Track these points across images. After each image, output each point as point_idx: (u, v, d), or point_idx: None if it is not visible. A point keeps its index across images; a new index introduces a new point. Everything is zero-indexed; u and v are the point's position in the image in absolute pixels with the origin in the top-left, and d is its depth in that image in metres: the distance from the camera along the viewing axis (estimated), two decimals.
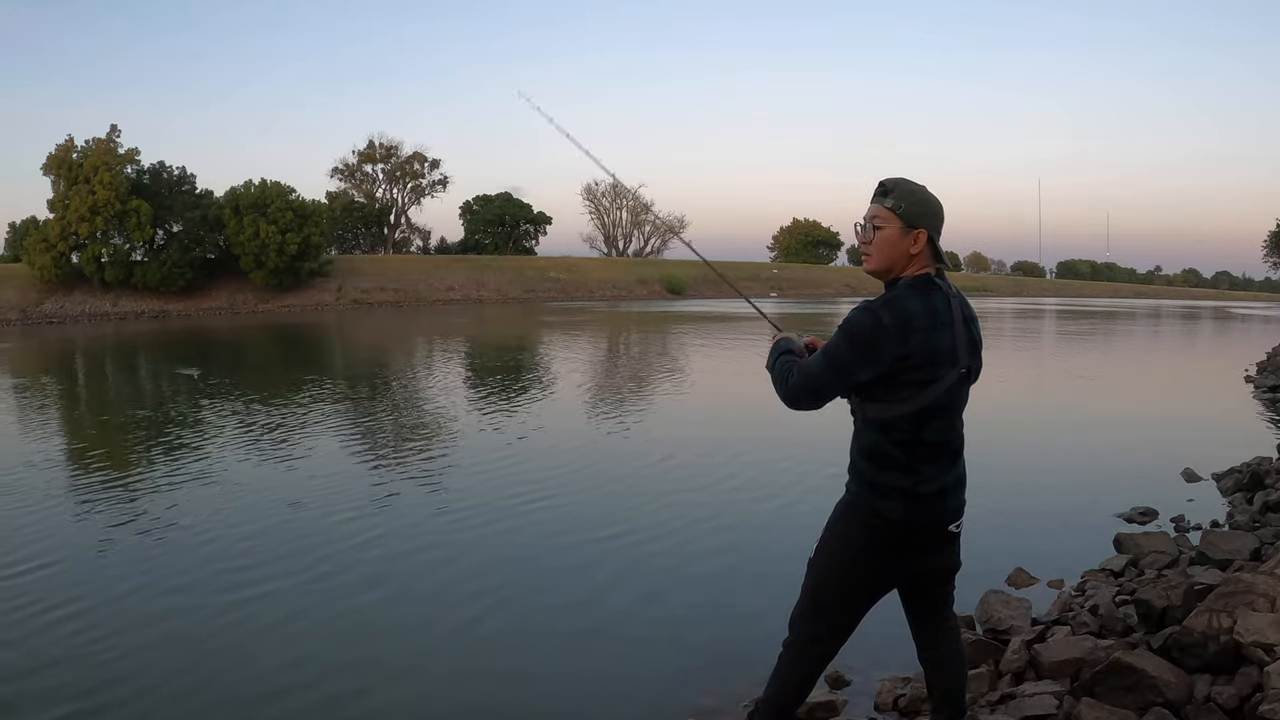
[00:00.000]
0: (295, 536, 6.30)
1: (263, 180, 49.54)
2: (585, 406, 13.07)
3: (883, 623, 3.14)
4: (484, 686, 4.11)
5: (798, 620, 2.84)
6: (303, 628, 4.74)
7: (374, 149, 71.27)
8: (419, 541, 6.21)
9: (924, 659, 2.96)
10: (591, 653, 4.44)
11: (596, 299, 56.29)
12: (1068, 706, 3.32)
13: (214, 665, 4.28)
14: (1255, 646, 3.19)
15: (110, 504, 7.24)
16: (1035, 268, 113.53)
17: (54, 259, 43.62)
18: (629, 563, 5.73)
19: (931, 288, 2.57)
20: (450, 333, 30.58)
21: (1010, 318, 39.19)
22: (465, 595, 5.18)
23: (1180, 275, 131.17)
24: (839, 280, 73.35)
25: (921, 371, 2.51)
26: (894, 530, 2.61)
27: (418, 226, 77.37)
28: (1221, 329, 36.05)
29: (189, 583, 5.37)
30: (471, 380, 17.12)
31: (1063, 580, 5.20)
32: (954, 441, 2.66)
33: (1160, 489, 7.35)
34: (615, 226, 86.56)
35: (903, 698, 3.73)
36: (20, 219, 55.56)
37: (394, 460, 9.09)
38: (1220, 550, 4.94)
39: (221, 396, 14.26)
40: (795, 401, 2.68)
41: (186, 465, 8.74)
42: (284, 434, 10.38)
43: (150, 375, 19.47)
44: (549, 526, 6.49)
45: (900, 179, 2.64)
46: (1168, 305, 61.89)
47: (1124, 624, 4.10)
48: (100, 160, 44.21)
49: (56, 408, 13.93)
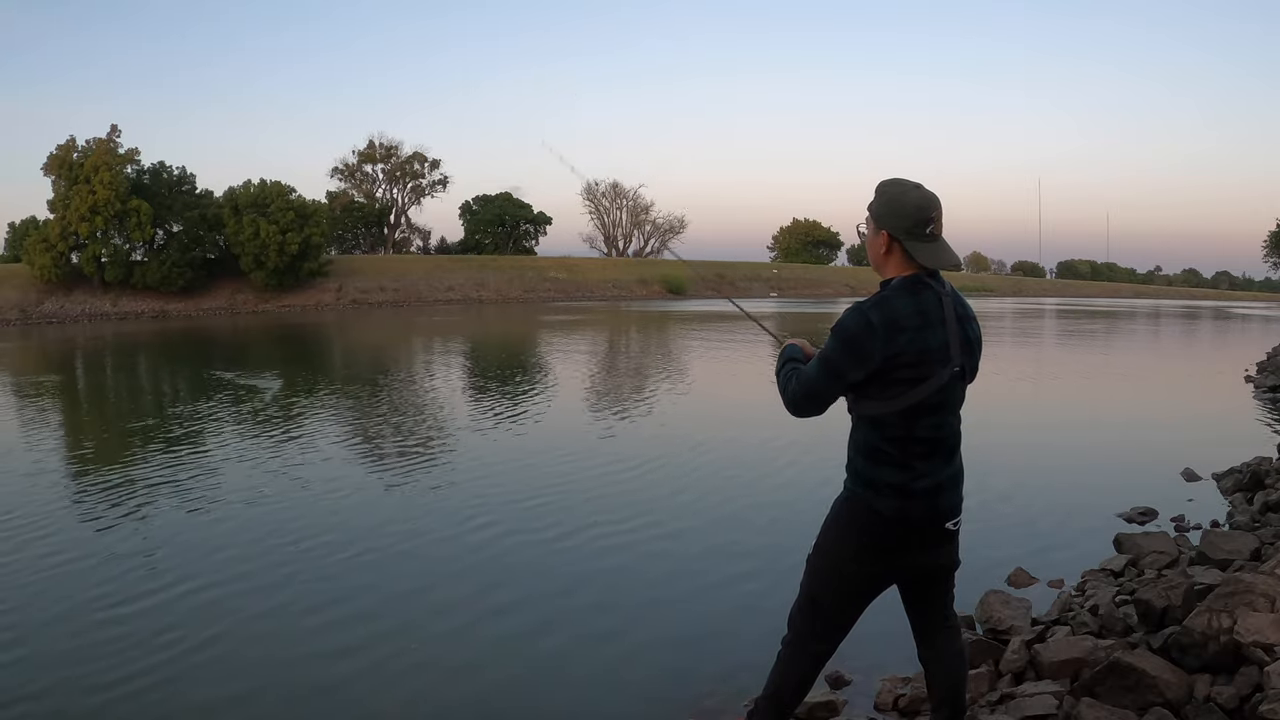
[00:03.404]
0: (287, 534, 6.32)
1: (262, 180, 49.62)
2: (587, 406, 13.07)
3: (883, 623, 3.14)
4: (484, 686, 4.11)
5: (796, 617, 2.84)
6: (303, 628, 4.75)
7: (374, 149, 71.24)
8: (420, 542, 6.22)
9: (924, 658, 2.95)
10: (592, 652, 4.43)
11: (596, 299, 56.28)
12: (1068, 706, 3.32)
13: (217, 664, 4.29)
14: (1255, 646, 3.20)
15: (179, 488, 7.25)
16: (1035, 268, 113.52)
17: (54, 259, 43.60)
18: (629, 562, 5.73)
19: (923, 287, 2.59)
20: (454, 332, 30.58)
21: (1010, 318, 39.19)
22: (465, 595, 5.18)
23: (1180, 275, 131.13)
24: (839, 280, 73.34)
25: (912, 369, 2.53)
26: (889, 526, 2.62)
27: (418, 226, 77.47)
28: (1221, 329, 36.05)
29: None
30: (473, 381, 17.12)
31: (1063, 580, 5.20)
32: (949, 439, 2.66)
33: (1160, 489, 7.35)
34: (615, 226, 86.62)
35: (903, 698, 3.73)
36: (20, 219, 55.70)
37: (395, 460, 9.08)
38: (1220, 550, 4.94)
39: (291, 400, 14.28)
40: (797, 408, 2.71)
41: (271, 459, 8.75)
42: (285, 432, 10.39)
43: (196, 378, 19.44)
44: (550, 526, 6.48)
45: (889, 180, 2.66)
46: (1168, 305, 61.86)
47: (1124, 624, 4.10)
48: (100, 160, 44.18)
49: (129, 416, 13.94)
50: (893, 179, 2.65)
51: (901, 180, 2.64)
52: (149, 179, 47.16)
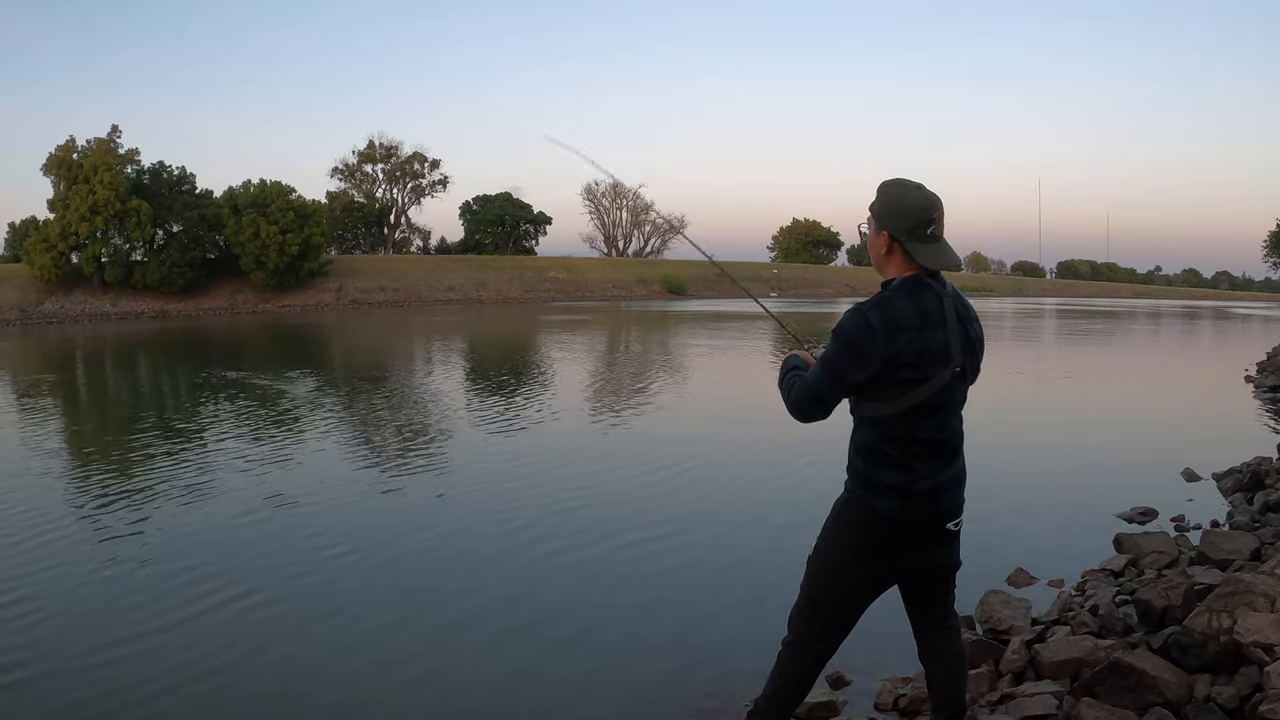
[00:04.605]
0: (286, 538, 6.32)
1: (262, 180, 49.61)
2: (588, 406, 13.06)
3: (883, 622, 3.14)
4: (485, 686, 4.11)
5: (796, 618, 2.84)
6: (302, 628, 4.75)
7: (374, 149, 71.24)
8: (420, 542, 6.22)
9: (924, 658, 2.95)
10: (592, 653, 4.43)
11: (596, 299, 56.26)
12: (1068, 706, 3.32)
13: (216, 666, 4.29)
14: (1255, 646, 3.20)
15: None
16: (1035, 268, 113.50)
17: (54, 259, 43.59)
18: (629, 563, 5.73)
19: (923, 288, 2.59)
20: (456, 332, 30.57)
21: (1010, 318, 39.18)
22: (466, 595, 5.18)
23: (1180, 275, 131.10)
24: (839, 280, 73.32)
25: (912, 370, 2.53)
26: (890, 527, 2.62)
27: (418, 226, 77.47)
28: (1221, 329, 36.05)
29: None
30: (477, 383, 17.11)
31: (1063, 580, 5.20)
32: (950, 440, 2.66)
33: (1160, 489, 7.35)
34: (615, 226, 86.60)
35: (903, 698, 3.73)
36: (20, 219, 55.68)
37: (393, 459, 9.09)
38: (1220, 550, 4.94)
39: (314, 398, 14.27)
40: (801, 414, 2.70)
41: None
42: (284, 433, 10.38)
43: (212, 380, 19.44)
44: (550, 527, 6.48)
45: (891, 181, 2.66)
46: (1168, 305, 61.86)
47: (1124, 624, 4.10)
48: (100, 160, 44.15)
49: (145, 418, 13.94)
50: (894, 179, 2.65)
51: (903, 180, 2.65)
52: (149, 179, 47.13)
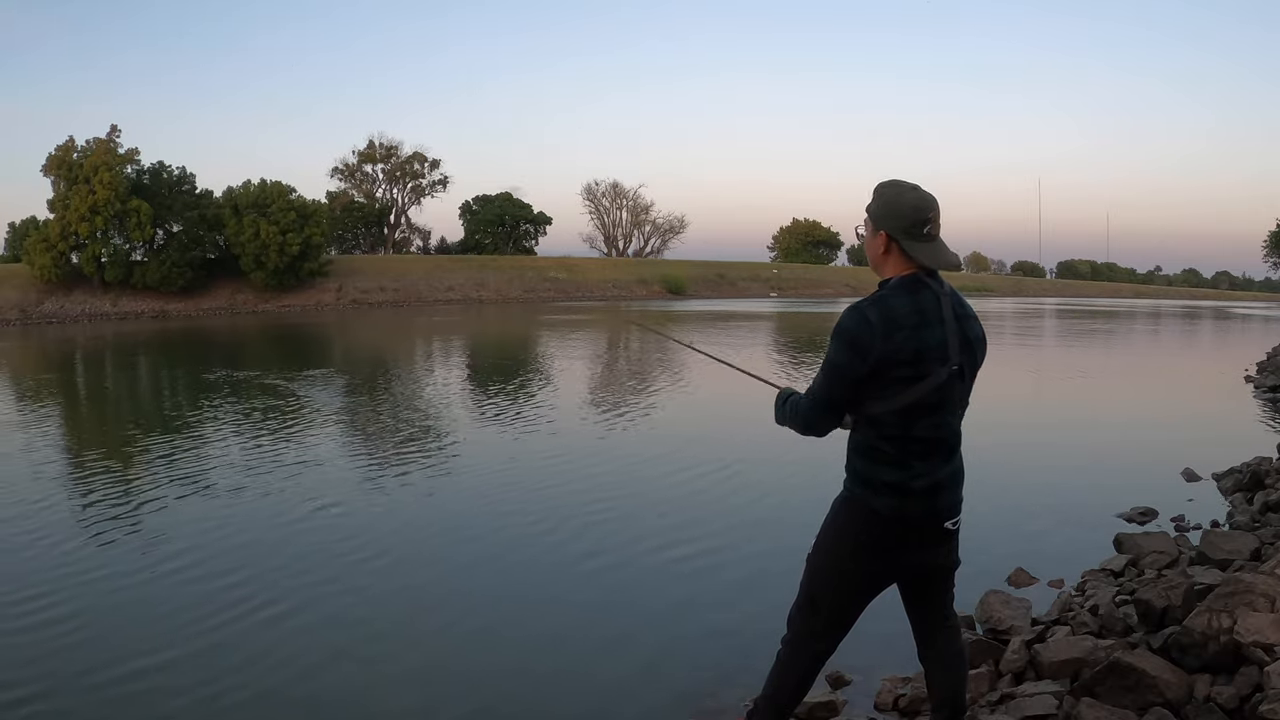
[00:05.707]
0: (292, 542, 6.32)
1: (262, 180, 49.61)
2: (588, 406, 13.05)
3: (883, 622, 3.14)
4: (486, 686, 4.11)
5: (795, 617, 2.85)
6: (303, 628, 4.75)
7: (374, 149, 71.29)
8: (420, 542, 6.22)
9: (924, 658, 2.96)
10: (593, 653, 4.43)
11: (596, 299, 56.27)
12: (1068, 706, 3.32)
13: (221, 665, 4.29)
14: (1255, 646, 3.19)
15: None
16: (1035, 268, 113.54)
17: (54, 259, 43.60)
18: (629, 563, 5.73)
19: (921, 286, 2.60)
20: (457, 332, 30.57)
21: (1010, 318, 39.18)
22: (467, 596, 5.19)
23: (1180, 275, 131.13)
24: (839, 280, 73.33)
25: (909, 368, 2.54)
26: (887, 525, 2.62)
27: (418, 226, 77.53)
28: (1222, 329, 36.05)
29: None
30: (477, 382, 17.11)
31: (1063, 580, 5.20)
32: (948, 438, 2.67)
33: (1160, 489, 7.35)
34: (615, 226, 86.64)
35: (903, 698, 3.73)
36: (20, 219, 55.65)
37: (394, 459, 9.09)
38: (1220, 550, 4.94)
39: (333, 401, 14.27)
40: (809, 425, 2.73)
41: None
42: (288, 432, 10.39)
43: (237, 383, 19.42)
44: (551, 527, 6.48)
45: (886, 182, 2.68)
46: (1168, 305, 61.86)
47: (1124, 624, 4.10)
48: (100, 160, 44.15)
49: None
50: (890, 180, 2.68)
51: (899, 182, 2.67)
52: (149, 179, 47.12)
